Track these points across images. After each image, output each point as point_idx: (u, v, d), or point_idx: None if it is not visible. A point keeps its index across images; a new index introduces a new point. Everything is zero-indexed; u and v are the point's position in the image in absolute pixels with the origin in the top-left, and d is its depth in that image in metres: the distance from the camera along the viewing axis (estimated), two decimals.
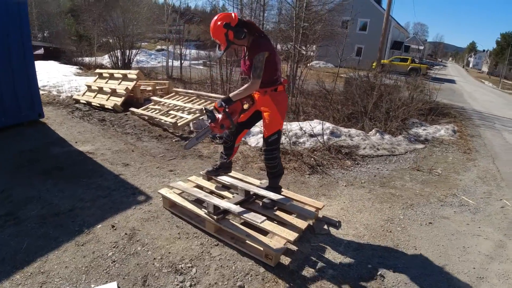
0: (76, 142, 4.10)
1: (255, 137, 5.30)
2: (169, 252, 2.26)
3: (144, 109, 5.42)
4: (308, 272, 2.22)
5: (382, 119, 7.02)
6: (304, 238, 2.58)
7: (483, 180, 4.28)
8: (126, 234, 2.40)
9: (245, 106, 2.63)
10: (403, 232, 2.87)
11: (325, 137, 5.50)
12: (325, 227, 2.82)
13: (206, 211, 2.50)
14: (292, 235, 2.34)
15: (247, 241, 2.39)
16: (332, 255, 2.43)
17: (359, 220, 3.01)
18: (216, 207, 2.43)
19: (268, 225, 2.43)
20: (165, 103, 5.59)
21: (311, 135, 5.62)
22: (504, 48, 49.55)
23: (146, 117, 5.15)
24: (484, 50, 76.89)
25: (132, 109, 5.34)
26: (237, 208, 2.37)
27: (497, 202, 3.59)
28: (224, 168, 3.05)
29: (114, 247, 2.25)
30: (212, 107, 2.43)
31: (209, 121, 2.40)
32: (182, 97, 5.94)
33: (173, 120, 4.82)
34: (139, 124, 5.03)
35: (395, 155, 5.45)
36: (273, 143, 2.55)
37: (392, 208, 3.32)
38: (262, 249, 2.25)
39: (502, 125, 8.86)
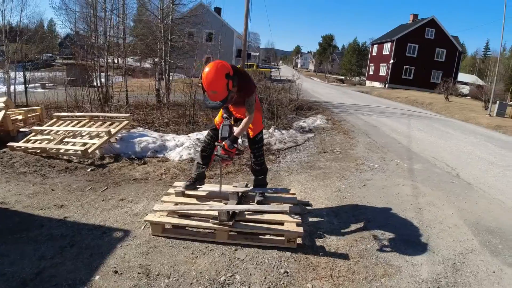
0: None
1: (173, 151, 5.30)
2: (200, 272, 2.26)
3: (26, 142, 4.37)
4: (320, 242, 2.76)
5: (273, 118, 8.29)
6: None
7: (372, 150, 5.99)
8: (139, 273, 2.19)
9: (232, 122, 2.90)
10: (352, 196, 3.82)
11: (240, 140, 6.09)
12: (303, 207, 3.41)
13: (215, 221, 2.60)
14: (297, 219, 2.80)
15: (260, 236, 2.68)
16: (325, 225, 3.06)
17: (320, 196, 3.76)
18: (228, 213, 2.58)
19: (272, 216, 2.78)
20: (52, 131, 4.71)
21: None
22: (325, 48, 64.92)
23: (38, 150, 4.20)
24: (308, 52, 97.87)
25: (12, 143, 4.20)
26: (257, 207, 2.62)
27: (391, 162, 5.21)
28: (200, 179, 3.15)
29: None
30: (219, 151, 2.61)
31: (221, 159, 2.65)
32: (69, 121, 5.14)
33: (82, 148, 4.19)
34: (30, 160, 4.06)
35: (299, 144, 6.65)
36: (260, 140, 2.94)
37: (333, 182, 4.26)
38: (283, 236, 2.60)
39: (353, 110, 12.07)
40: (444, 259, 2.56)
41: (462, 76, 41.48)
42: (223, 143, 2.61)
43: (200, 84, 2.58)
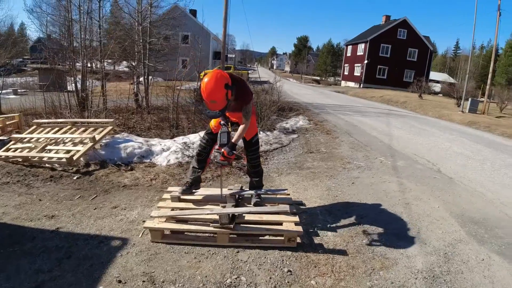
0: None
1: (160, 156, 5.24)
2: (205, 276, 2.28)
3: (6, 151, 4.18)
4: (318, 240, 2.85)
5: (256, 120, 8.37)
6: None
7: (356, 149, 6.20)
8: (144, 281, 2.18)
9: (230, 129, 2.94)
10: (343, 194, 3.96)
11: None
12: (298, 207, 3.50)
13: (216, 225, 2.62)
14: (296, 218, 2.87)
15: (260, 237, 2.73)
16: (321, 223, 3.16)
17: (312, 196, 3.87)
18: (229, 216, 2.61)
19: (271, 217, 2.84)
20: (32, 138, 4.54)
21: None
22: (300, 49, 65.99)
23: (20, 159, 4.03)
24: (284, 53, 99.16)
25: None
26: (258, 209, 2.67)
27: (375, 160, 5.42)
28: (196, 184, 3.16)
29: None
30: (218, 158, 2.69)
31: (220, 165, 2.85)
32: (50, 128, 4.97)
33: (67, 155, 4.07)
34: (12, 169, 3.89)
35: (284, 146, 6.76)
36: (256, 143, 3.00)
37: (322, 182, 4.38)
38: (282, 236, 2.66)
39: (332, 110, 12.36)
40: (436, 250, 2.72)
41: (433, 75, 43.47)
42: (222, 150, 2.66)
43: (181, 87, 2.65)
